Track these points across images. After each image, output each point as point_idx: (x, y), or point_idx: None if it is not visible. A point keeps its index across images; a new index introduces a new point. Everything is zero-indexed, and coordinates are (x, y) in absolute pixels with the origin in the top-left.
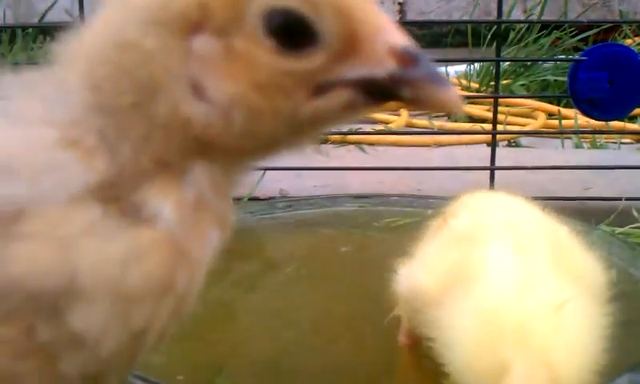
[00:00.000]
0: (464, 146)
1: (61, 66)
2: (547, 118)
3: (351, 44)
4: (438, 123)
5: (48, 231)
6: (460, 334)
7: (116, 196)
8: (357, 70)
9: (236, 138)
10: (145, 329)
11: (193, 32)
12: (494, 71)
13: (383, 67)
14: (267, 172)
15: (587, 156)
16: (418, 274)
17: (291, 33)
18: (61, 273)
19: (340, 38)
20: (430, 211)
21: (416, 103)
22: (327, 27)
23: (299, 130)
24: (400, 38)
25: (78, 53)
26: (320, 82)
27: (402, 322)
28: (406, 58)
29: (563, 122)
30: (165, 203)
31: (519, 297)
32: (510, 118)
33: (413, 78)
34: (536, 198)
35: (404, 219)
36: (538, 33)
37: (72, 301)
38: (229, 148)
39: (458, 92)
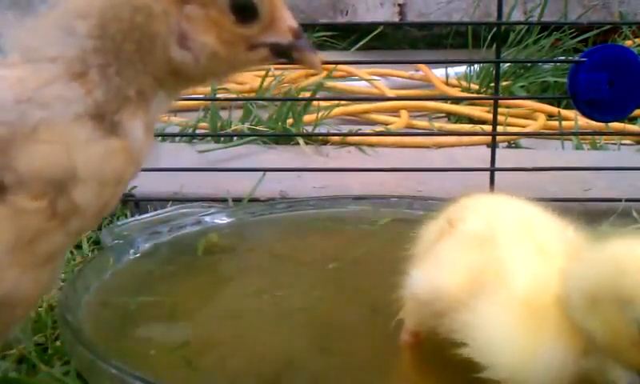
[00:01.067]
0: (464, 147)
1: (68, 15)
2: (547, 120)
3: (271, 22)
4: (438, 124)
5: (58, 139)
6: (499, 331)
7: (103, 115)
8: (272, 38)
9: (197, 70)
10: (108, 202)
11: (185, 3)
12: (494, 72)
13: (286, 38)
14: (267, 173)
15: (587, 157)
16: (439, 276)
17: (243, 11)
18: (66, 166)
19: (267, 18)
20: (431, 212)
21: (298, 62)
22: (263, 11)
23: (234, 69)
24: (295, 22)
25: (89, 10)
26: (253, 42)
27: (404, 321)
28: (296, 34)
29: (563, 123)
30: (136, 125)
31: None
32: (510, 120)
33: (299, 46)
34: (536, 199)
35: (404, 220)
36: (538, 34)
37: (73, 184)
38: (189, 76)
39: (320, 57)
